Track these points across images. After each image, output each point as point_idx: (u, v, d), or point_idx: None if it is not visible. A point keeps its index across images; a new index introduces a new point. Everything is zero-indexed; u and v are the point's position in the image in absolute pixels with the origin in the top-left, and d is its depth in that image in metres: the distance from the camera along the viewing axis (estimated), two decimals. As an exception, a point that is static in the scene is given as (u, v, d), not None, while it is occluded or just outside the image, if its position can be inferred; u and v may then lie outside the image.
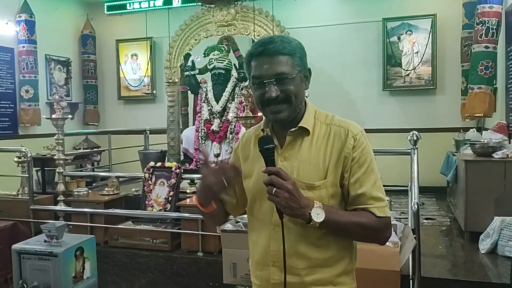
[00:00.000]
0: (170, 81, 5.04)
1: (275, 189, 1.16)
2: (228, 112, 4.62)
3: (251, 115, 3.75)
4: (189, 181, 4.55)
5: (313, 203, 1.20)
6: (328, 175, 1.26)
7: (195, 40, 5.01)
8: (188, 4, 6.43)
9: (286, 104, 1.26)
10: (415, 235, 2.54)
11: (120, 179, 4.89)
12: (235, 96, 4.64)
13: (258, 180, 1.30)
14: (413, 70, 6.10)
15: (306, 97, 1.28)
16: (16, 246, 2.61)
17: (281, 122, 1.30)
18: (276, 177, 1.17)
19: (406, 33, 6.12)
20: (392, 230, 2.71)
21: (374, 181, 1.27)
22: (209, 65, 4.82)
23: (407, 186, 3.22)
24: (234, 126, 4.55)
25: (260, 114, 1.39)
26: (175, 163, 4.20)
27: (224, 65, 4.72)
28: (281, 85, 1.24)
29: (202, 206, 1.36)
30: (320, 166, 1.27)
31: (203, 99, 4.80)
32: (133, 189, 4.88)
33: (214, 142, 4.63)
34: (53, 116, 4.15)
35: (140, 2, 7.00)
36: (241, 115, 4.18)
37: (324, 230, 1.25)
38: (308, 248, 1.27)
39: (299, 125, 1.30)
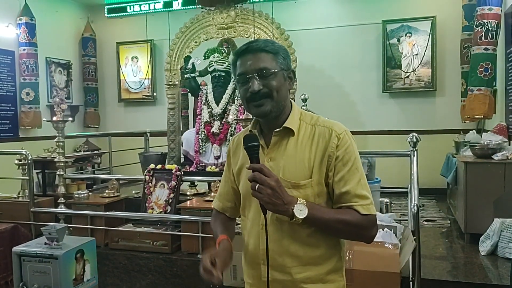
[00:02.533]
0: (170, 83, 5.04)
1: (258, 185, 1.19)
2: (228, 114, 4.62)
3: (251, 117, 3.76)
4: (189, 183, 4.55)
5: (296, 199, 1.23)
6: (313, 174, 1.29)
7: (195, 42, 5.01)
8: (188, 7, 6.47)
9: (269, 98, 1.29)
10: (415, 237, 2.53)
11: (121, 182, 4.89)
12: (235, 98, 4.64)
13: (246, 180, 1.32)
14: (413, 72, 6.11)
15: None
16: (17, 248, 2.62)
17: (265, 117, 1.33)
18: (259, 173, 1.20)
19: (405, 35, 6.13)
20: (392, 231, 2.73)
21: (359, 179, 1.28)
22: (209, 68, 4.82)
23: (407, 188, 3.22)
24: (234, 128, 4.55)
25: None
26: (176, 166, 4.20)
27: (224, 68, 4.72)
28: (263, 80, 1.29)
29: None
30: (306, 165, 1.29)
31: (203, 101, 4.80)
32: (134, 192, 4.88)
33: (215, 144, 4.64)
34: (54, 118, 4.16)
35: (140, 5, 7.03)
36: (241, 117, 4.18)
37: (312, 228, 1.28)
38: (297, 247, 1.30)
39: (284, 125, 1.33)
